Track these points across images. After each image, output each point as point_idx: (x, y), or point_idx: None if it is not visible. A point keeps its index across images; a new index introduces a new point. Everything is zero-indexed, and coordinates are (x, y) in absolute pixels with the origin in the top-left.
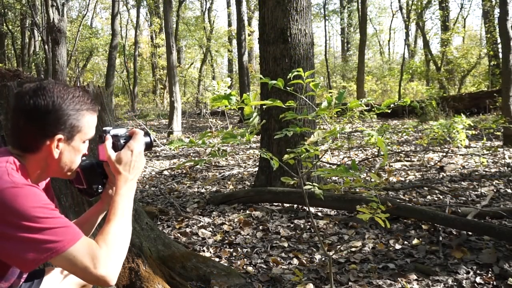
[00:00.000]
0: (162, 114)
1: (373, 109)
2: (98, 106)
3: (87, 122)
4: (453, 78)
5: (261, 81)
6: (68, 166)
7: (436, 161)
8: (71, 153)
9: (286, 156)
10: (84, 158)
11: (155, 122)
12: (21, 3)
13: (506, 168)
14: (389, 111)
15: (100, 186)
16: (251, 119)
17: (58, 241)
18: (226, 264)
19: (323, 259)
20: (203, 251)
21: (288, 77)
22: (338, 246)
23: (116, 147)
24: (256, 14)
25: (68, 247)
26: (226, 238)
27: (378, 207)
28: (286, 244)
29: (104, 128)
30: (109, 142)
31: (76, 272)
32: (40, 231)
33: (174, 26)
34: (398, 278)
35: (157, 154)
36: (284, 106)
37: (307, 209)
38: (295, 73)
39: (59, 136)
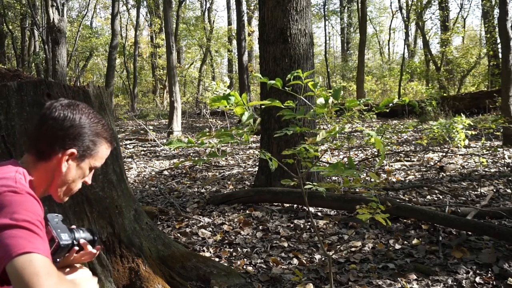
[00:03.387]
0: (162, 114)
1: (372, 109)
2: (114, 143)
3: (101, 150)
4: (453, 78)
5: (260, 80)
6: (69, 184)
7: (436, 161)
8: (76, 173)
9: (284, 151)
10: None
11: (155, 122)
12: (21, 3)
13: (505, 168)
14: (387, 110)
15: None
16: (246, 119)
17: (26, 241)
18: (226, 264)
19: (323, 259)
20: (203, 251)
21: (287, 77)
22: (338, 246)
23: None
24: (256, 14)
25: (30, 250)
26: (226, 238)
27: (378, 207)
28: (286, 244)
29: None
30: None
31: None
32: (17, 227)
33: (174, 26)
34: (398, 278)
35: (157, 154)
36: (283, 106)
37: (307, 209)
38: (295, 73)
39: (73, 150)
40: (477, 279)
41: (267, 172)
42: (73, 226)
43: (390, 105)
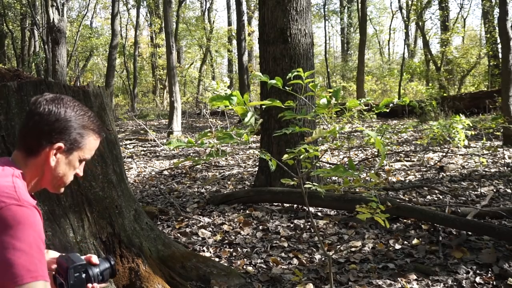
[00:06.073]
0: (162, 114)
1: (372, 109)
2: (103, 134)
3: (89, 142)
4: (452, 78)
5: (260, 80)
6: (60, 178)
7: (436, 161)
8: (66, 166)
9: (285, 156)
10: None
11: (155, 122)
12: (21, 3)
13: (506, 168)
14: (387, 110)
15: None
16: (246, 119)
17: (30, 269)
18: (226, 264)
19: (323, 259)
20: (203, 251)
21: (287, 77)
22: (338, 246)
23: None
24: (256, 14)
25: (34, 279)
26: (226, 238)
27: (378, 207)
28: (286, 244)
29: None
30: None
31: None
32: (23, 251)
33: (174, 26)
34: (398, 278)
35: (157, 154)
36: (283, 106)
37: (307, 209)
38: (295, 73)
39: (60, 144)
40: (477, 279)
41: (267, 172)
42: (91, 259)
43: (390, 105)
